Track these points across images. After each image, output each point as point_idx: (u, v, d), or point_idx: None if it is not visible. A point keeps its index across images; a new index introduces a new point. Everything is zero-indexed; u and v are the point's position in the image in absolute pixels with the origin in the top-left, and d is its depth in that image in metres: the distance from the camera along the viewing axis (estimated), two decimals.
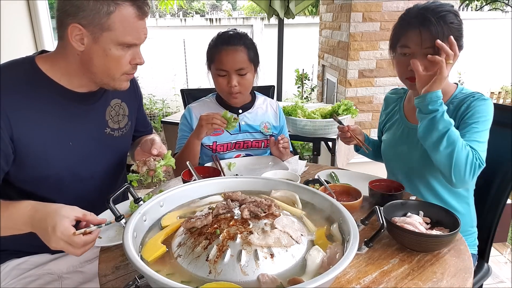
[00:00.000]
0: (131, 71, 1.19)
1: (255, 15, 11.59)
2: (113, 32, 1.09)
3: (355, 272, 0.95)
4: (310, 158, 4.01)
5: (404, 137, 1.52)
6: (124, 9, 1.09)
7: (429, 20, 1.29)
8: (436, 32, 1.28)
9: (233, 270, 0.78)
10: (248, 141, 1.80)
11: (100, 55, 1.11)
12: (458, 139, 1.25)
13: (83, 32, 1.08)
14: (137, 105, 1.51)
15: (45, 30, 3.01)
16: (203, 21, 8.29)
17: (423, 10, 1.32)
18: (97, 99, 1.29)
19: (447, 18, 1.29)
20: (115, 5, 1.07)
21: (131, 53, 1.16)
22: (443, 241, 1.02)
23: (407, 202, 1.18)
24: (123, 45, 1.12)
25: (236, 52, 1.62)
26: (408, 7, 1.42)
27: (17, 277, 1.24)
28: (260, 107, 1.85)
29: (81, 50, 1.11)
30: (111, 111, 1.35)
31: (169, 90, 6.56)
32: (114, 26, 1.08)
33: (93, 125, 1.29)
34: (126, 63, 1.16)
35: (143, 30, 1.15)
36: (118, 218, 0.93)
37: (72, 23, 1.07)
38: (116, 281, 0.95)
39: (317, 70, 4.83)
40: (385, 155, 1.65)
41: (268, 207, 0.94)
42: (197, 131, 1.59)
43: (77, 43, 1.09)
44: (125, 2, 1.09)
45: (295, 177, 1.41)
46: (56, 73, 1.17)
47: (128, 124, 1.43)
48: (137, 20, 1.12)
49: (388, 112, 1.68)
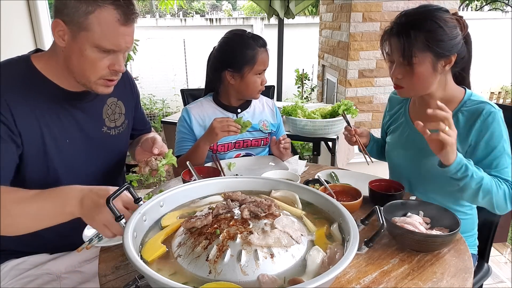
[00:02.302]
0: (110, 76, 1.15)
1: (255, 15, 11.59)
2: (90, 33, 1.07)
3: (355, 272, 0.95)
4: (310, 158, 4.01)
5: (410, 142, 1.49)
6: (105, 12, 1.06)
7: (397, 30, 1.28)
8: (402, 43, 1.27)
9: (233, 270, 0.78)
10: (248, 140, 1.80)
11: (77, 54, 1.10)
12: (492, 186, 1.25)
13: (64, 28, 1.08)
14: (134, 104, 1.51)
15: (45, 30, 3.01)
16: (203, 21, 8.29)
17: (399, 19, 1.31)
18: (92, 98, 1.28)
19: (422, 26, 1.25)
20: (96, 6, 1.05)
21: (110, 58, 1.12)
22: (443, 241, 1.02)
23: (407, 202, 1.18)
24: (100, 48, 1.09)
25: (268, 54, 1.72)
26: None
27: (16, 277, 1.24)
28: (257, 105, 1.87)
29: (63, 46, 1.11)
30: (107, 110, 1.35)
31: (169, 90, 6.56)
32: (91, 27, 1.06)
33: (90, 123, 1.29)
34: (103, 67, 1.12)
35: (124, 37, 1.10)
36: (118, 218, 0.93)
37: (56, 19, 1.08)
38: (116, 281, 0.95)
39: (317, 70, 4.83)
40: (390, 157, 1.63)
41: (268, 207, 0.94)
42: (210, 138, 1.58)
43: (59, 38, 1.10)
44: (107, 5, 1.06)
45: (295, 177, 1.42)
46: (50, 72, 1.17)
47: (125, 123, 1.43)
48: (118, 25, 1.08)
49: (392, 114, 1.65)
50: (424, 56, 1.27)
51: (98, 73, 1.13)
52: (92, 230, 1.11)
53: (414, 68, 1.29)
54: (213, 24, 7.94)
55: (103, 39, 1.08)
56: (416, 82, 1.33)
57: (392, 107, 1.66)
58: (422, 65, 1.29)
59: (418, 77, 1.31)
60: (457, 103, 1.38)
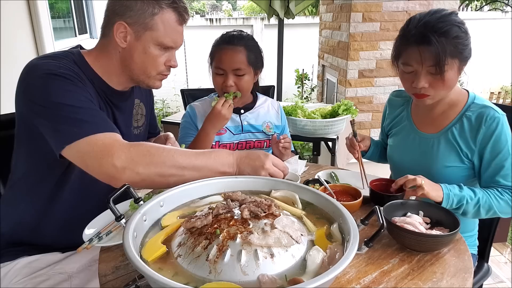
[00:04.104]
0: (166, 72, 1.29)
1: (255, 15, 11.60)
2: (154, 32, 1.19)
3: (355, 272, 0.95)
4: (310, 158, 4.01)
5: (416, 145, 1.49)
6: (167, 13, 1.20)
7: (428, 39, 1.23)
8: (437, 51, 1.23)
9: (233, 270, 0.78)
10: (251, 141, 1.80)
11: (140, 52, 1.21)
12: (492, 201, 1.29)
13: (128, 30, 1.18)
14: (150, 106, 1.57)
15: (45, 30, 3.01)
16: (203, 21, 8.29)
17: (422, 27, 1.25)
18: (127, 98, 1.36)
19: (450, 33, 1.24)
20: (160, 8, 1.18)
21: (167, 55, 1.25)
22: (443, 241, 1.02)
23: (407, 202, 1.18)
24: (161, 46, 1.22)
25: (234, 52, 1.62)
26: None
27: (28, 276, 1.24)
28: (261, 107, 1.85)
29: (123, 47, 1.20)
30: (133, 110, 1.42)
31: (169, 90, 6.55)
32: (156, 27, 1.19)
33: (123, 122, 1.35)
34: (161, 63, 1.25)
35: (180, 35, 1.26)
36: (118, 218, 0.93)
37: (119, 21, 1.17)
38: (116, 281, 0.95)
39: (317, 70, 4.84)
40: (392, 160, 1.62)
41: (268, 207, 0.94)
42: (218, 124, 1.61)
43: (120, 40, 1.19)
44: (168, 7, 1.19)
45: (295, 177, 1.41)
46: (99, 69, 1.24)
47: (144, 124, 1.51)
48: (177, 25, 1.23)
49: (394, 117, 1.63)
50: (453, 62, 1.27)
51: (158, 68, 1.26)
52: (92, 230, 1.11)
53: (444, 76, 1.27)
54: (213, 24, 7.95)
55: (165, 37, 1.21)
56: (444, 89, 1.32)
57: (393, 110, 1.65)
58: (451, 71, 1.28)
59: (447, 83, 1.29)
60: (462, 107, 1.39)
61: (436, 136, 1.42)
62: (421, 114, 1.50)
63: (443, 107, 1.42)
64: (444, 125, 1.41)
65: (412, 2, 3.25)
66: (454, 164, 1.38)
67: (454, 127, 1.38)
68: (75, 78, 1.12)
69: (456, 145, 1.37)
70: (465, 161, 1.37)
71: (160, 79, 1.30)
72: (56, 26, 3.93)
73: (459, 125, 1.37)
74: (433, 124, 1.45)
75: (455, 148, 1.37)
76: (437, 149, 1.41)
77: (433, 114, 1.44)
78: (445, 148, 1.39)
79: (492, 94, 7.17)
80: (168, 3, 1.19)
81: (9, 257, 1.27)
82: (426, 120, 1.48)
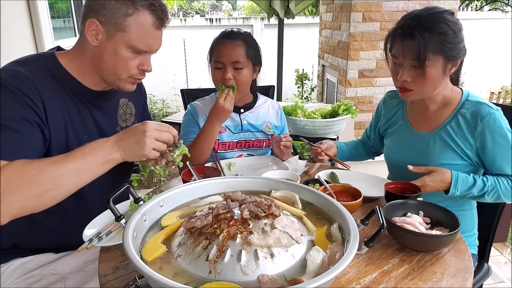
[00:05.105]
0: (138, 75, 1.22)
1: (255, 15, 11.60)
2: (127, 34, 1.13)
3: (355, 272, 0.95)
4: (310, 158, 4.01)
5: (412, 144, 1.49)
6: (143, 15, 1.13)
7: (411, 33, 1.26)
8: (417, 45, 1.25)
9: (233, 270, 0.78)
10: (250, 141, 1.80)
11: (111, 53, 1.15)
12: (496, 184, 1.32)
13: (99, 28, 1.13)
14: (142, 105, 1.55)
15: (45, 30, 3.01)
16: (203, 21, 8.29)
17: (410, 20, 1.28)
18: (110, 98, 1.33)
19: (435, 29, 1.25)
20: (135, 9, 1.12)
21: (141, 58, 1.19)
22: (443, 241, 1.02)
23: (407, 202, 1.18)
24: (133, 49, 1.16)
25: (233, 45, 1.64)
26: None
27: (21, 277, 1.24)
28: (261, 106, 1.85)
29: (95, 45, 1.15)
30: (119, 110, 1.40)
31: (169, 90, 6.56)
32: (128, 28, 1.13)
33: (106, 122, 1.33)
34: (133, 66, 1.19)
35: (156, 40, 1.19)
36: (118, 218, 0.93)
37: (90, 19, 1.12)
38: (116, 281, 0.95)
39: (317, 70, 4.84)
40: (390, 160, 1.62)
41: (268, 207, 0.94)
42: (223, 117, 1.60)
43: (91, 37, 1.14)
44: (144, 9, 1.13)
45: (295, 177, 1.41)
46: (74, 69, 1.21)
47: (134, 123, 1.46)
48: (153, 29, 1.16)
49: (389, 117, 1.64)
50: (436, 59, 1.27)
51: (128, 72, 1.19)
52: (92, 230, 1.11)
53: (425, 71, 1.28)
54: (213, 24, 7.94)
55: (138, 41, 1.15)
56: (426, 85, 1.32)
57: (389, 110, 1.65)
58: (434, 68, 1.28)
59: (429, 80, 1.30)
60: (456, 105, 1.39)
61: (431, 134, 1.43)
62: (416, 113, 1.50)
63: (437, 105, 1.43)
64: (439, 123, 1.42)
65: (412, 2, 3.26)
66: (450, 162, 1.38)
67: (449, 125, 1.39)
68: (20, 92, 1.05)
69: (451, 143, 1.38)
70: (463, 158, 1.38)
71: (132, 82, 1.23)
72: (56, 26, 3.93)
73: (454, 123, 1.38)
74: (428, 122, 1.45)
75: (451, 146, 1.38)
76: (433, 147, 1.42)
77: (428, 112, 1.45)
78: (441, 146, 1.40)
79: (492, 94, 7.17)
80: (145, 5, 1.13)
81: (3, 259, 1.26)
82: (421, 119, 1.48)
